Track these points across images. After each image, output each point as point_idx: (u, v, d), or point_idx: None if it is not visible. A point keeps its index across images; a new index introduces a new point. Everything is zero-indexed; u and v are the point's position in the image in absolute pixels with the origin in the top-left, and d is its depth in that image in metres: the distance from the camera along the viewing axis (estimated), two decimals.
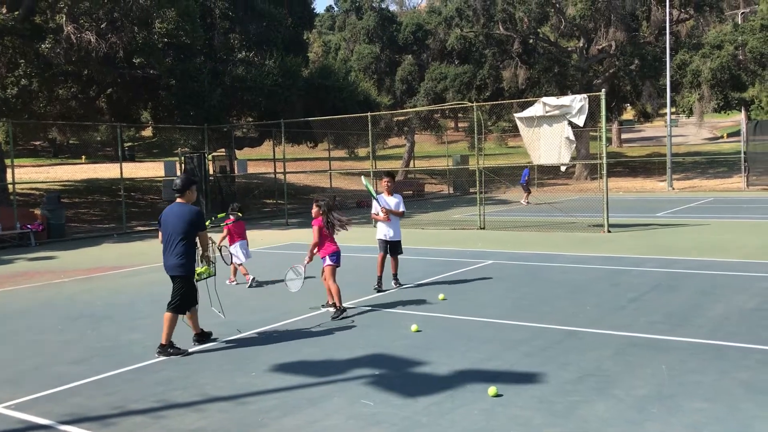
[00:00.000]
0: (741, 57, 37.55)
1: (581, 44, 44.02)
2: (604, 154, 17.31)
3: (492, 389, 5.65)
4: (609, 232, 17.20)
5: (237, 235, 11.55)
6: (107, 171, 37.35)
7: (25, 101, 24.43)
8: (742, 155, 33.13)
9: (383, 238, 10.60)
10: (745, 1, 43.16)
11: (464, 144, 61.18)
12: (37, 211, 21.03)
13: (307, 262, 8.94)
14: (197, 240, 7.59)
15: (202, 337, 7.84)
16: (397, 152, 55.95)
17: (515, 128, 57.86)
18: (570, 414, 5.23)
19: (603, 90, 17.57)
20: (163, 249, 7.56)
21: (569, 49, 45.92)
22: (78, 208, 27.77)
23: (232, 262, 11.03)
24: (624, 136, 68.51)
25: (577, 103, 17.38)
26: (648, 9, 41.02)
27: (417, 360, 6.76)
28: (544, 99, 17.89)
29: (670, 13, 36.03)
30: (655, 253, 13.37)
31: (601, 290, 9.91)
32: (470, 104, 20.68)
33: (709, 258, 12.55)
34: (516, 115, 18.38)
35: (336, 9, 49.19)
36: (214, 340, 7.87)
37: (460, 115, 71.13)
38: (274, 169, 27.68)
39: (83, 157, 55.97)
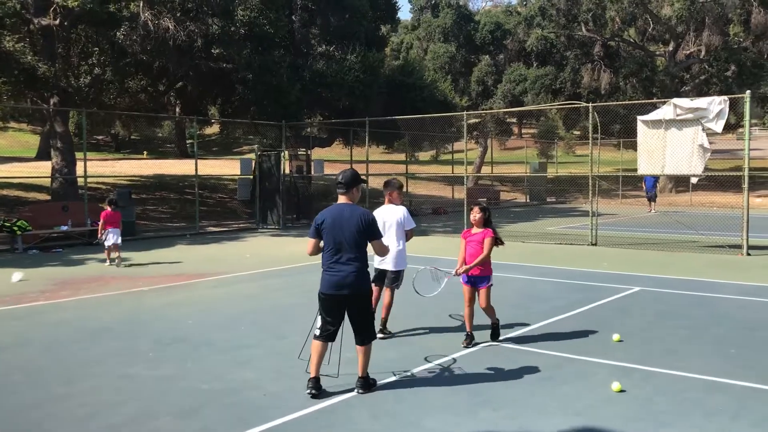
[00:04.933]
0: None
1: (670, 48, 41.32)
2: (747, 165, 15.06)
3: None
4: (749, 254, 14.96)
5: (109, 224, 13.76)
6: (172, 167, 36.30)
7: (97, 91, 23.30)
8: None
9: (379, 267, 7.85)
10: None
11: (532, 150, 58.77)
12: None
13: (454, 275, 7.24)
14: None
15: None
16: (459, 157, 53.90)
17: (583, 137, 55.16)
18: None
19: (748, 92, 15.32)
20: (327, 261, 6.01)
21: (657, 53, 43.24)
22: (145, 204, 26.60)
23: (106, 248, 13.83)
24: None
25: (715, 106, 15.20)
26: (747, 11, 38.09)
27: None
28: (676, 100, 15.75)
29: None
30: None
31: None
32: (584, 104, 18.63)
33: None
34: (640, 117, 16.27)
35: (410, 5, 47.48)
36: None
37: (525, 121, 68.81)
38: None
39: (145, 152, 55.41)
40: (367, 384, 6.05)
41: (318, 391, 5.89)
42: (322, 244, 6.08)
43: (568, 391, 5.99)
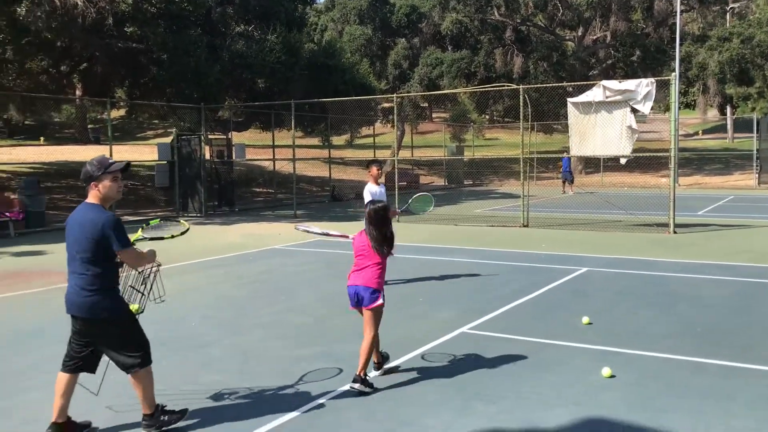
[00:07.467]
0: (746, 51, 36.34)
1: (579, 33, 42.48)
2: (674, 146, 15.52)
3: None
4: (675, 233, 15.46)
5: None
6: (75, 153, 34.27)
7: None
8: (754, 152, 31.96)
9: None
10: None
11: (442, 135, 59.32)
12: (14, 197, 18.36)
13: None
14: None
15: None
16: (378, 141, 53.67)
17: (494, 120, 55.83)
18: None
19: (673, 74, 15.77)
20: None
21: (566, 38, 44.36)
22: (51, 193, 24.93)
23: None
24: None
25: (643, 88, 15.55)
26: None
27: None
28: (605, 82, 16.03)
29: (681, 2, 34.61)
30: (764, 261, 11.58)
31: None
32: (516, 87, 18.67)
33: None
34: (570, 99, 16.48)
35: None
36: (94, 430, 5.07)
37: (441, 106, 69.33)
38: (273, 156, 25.30)
39: (41, 138, 52.11)
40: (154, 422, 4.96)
41: None
42: None
43: (557, 380, 5.82)
